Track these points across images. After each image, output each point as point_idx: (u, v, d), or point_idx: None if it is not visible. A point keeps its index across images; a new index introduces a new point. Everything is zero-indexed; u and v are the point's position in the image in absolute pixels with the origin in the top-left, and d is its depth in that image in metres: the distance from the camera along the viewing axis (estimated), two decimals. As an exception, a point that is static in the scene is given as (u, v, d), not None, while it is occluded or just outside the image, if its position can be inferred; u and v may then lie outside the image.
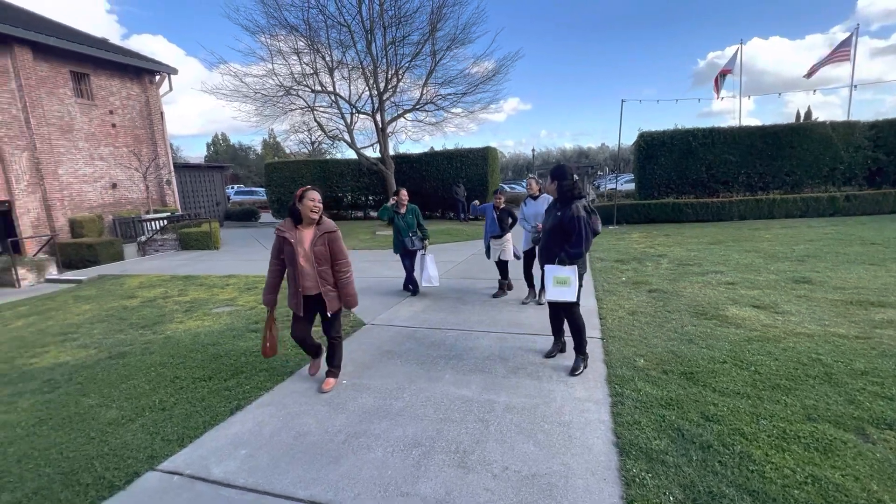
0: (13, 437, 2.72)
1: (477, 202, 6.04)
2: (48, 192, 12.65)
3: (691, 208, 12.66)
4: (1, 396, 3.29)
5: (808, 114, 42.31)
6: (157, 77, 15.75)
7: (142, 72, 15.29)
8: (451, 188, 15.53)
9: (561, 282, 3.27)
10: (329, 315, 3.19)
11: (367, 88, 13.74)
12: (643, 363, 3.39)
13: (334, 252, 3.12)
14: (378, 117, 13.88)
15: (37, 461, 2.48)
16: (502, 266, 5.65)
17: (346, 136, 14.11)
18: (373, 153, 15.72)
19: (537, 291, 5.24)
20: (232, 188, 28.84)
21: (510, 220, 5.50)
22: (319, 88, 13.60)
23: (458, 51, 14.27)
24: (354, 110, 14.23)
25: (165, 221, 13.50)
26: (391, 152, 14.82)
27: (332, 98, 13.79)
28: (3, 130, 11.77)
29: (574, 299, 3.28)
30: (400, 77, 13.83)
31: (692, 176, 13.49)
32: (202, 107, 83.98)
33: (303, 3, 12.69)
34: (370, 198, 17.59)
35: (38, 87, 12.41)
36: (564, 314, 3.44)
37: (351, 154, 16.02)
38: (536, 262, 4.91)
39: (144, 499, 2.19)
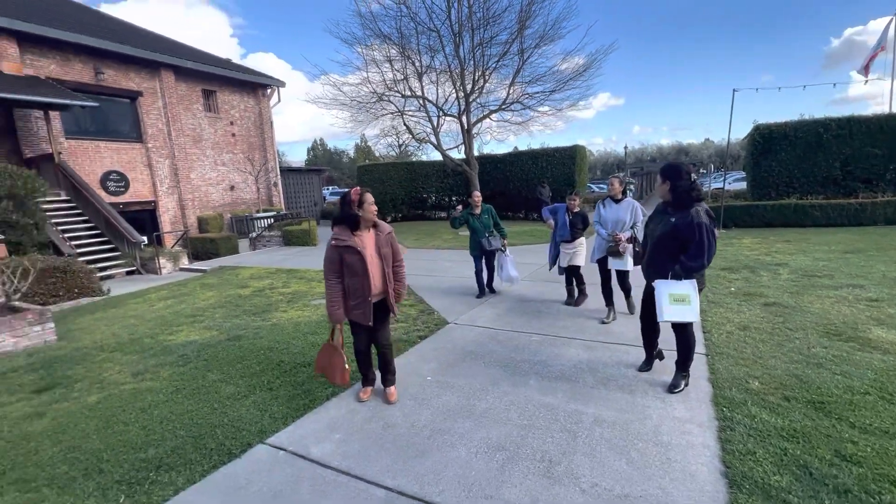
0: (158, 402, 3.22)
1: (550, 205, 5.82)
2: (183, 193, 14.75)
3: (819, 210, 10.91)
4: (149, 366, 3.91)
5: None
6: (269, 90, 17.57)
7: (256, 86, 17.17)
8: (535, 188, 15.20)
9: (679, 299, 2.85)
10: (377, 325, 3.01)
11: (453, 91, 14.00)
12: (758, 386, 3.00)
13: (395, 252, 3.05)
14: (464, 119, 14.07)
15: (174, 424, 2.90)
16: (573, 272, 5.18)
17: (433, 139, 14.51)
18: (457, 154, 15.97)
19: (615, 310, 4.63)
20: (328, 189, 31.16)
21: (582, 226, 5.08)
22: (409, 93, 14.16)
23: (546, 48, 13.90)
24: (441, 113, 14.58)
25: (272, 220, 15.04)
26: (475, 153, 14.92)
27: (421, 102, 14.27)
28: (152, 142, 13.98)
29: (696, 318, 2.88)
30: (486, 78, 13.87)
31: (821, 173, 11.63)
32: (304, 115, 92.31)
33: (396, 13, 13.31)
34: (454, 198, 17.89)
35: (177, 105, 14.53)
36: (676, 330, 3.03)
37: (436, 156, 16.47)
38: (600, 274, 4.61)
39: (256, 468, 2.45)
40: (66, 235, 9.73)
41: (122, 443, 2.70)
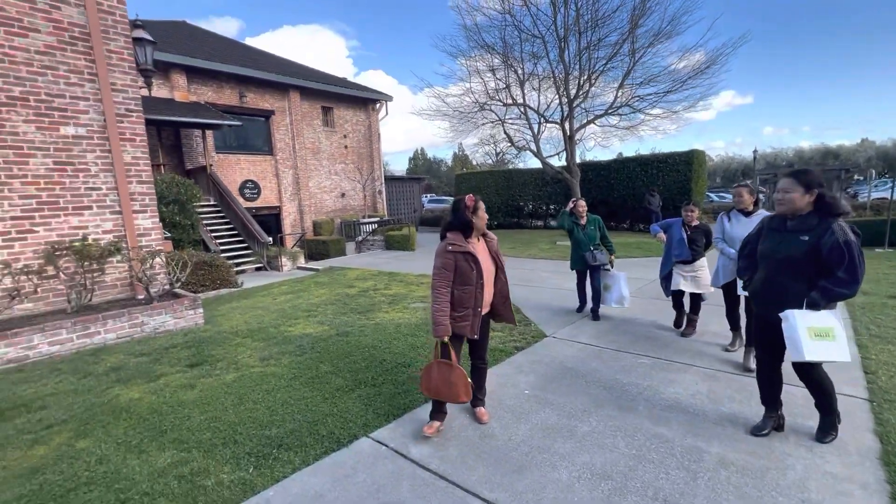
0: (280, 386, 3.59)
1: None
2: (302, 200, 16.46)
3: None
4: (272, 353, 4.40)
5: None
6: (378, 104, 18.89)
7: (367, 101, 18.57)
8: (642, 197, 14.10)
9: (821, 334, 2.32)
10: (479, 337, 2.85)
11: (556, 97, 13.67)
12: (950, 448, 2.38)
13: (501, 263, 2.95)
14: (566, 125, 13.63)
15: (293, 408, 3.21)
16: (692, 300, 4.48)
17: (533, 146, 14.30)
18: (557, 162, 15.53)
19: (744, 336, 3.88)
20: (426, 197, 32.41)
21: (704, 242, 4.39)
22: (510, 102, 14.16)
23: (661, 45, 12.87)
24: (542, 120, 14.30)
25: (376, 225, 16.06)
26: (576, 160, 14.34)
27: (522, 110, 14.18)
28: (280, 155, 15.85)
29: (848, 357, 2.34)
30: (593, 82, 13.28)
31: None
32: (407, 126, 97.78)
33: (500, 23, 13.44)
34: (551, 207, 17.39)
35: (301, 121, 16.29)
36: (801, 373, 2.51)
37: (534, 163, 16.23)
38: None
39: (361, 459, 2.60)
40: (213, 235, 11.46)
41: (251, 419, 3.07)
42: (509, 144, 15.42)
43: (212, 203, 12.59)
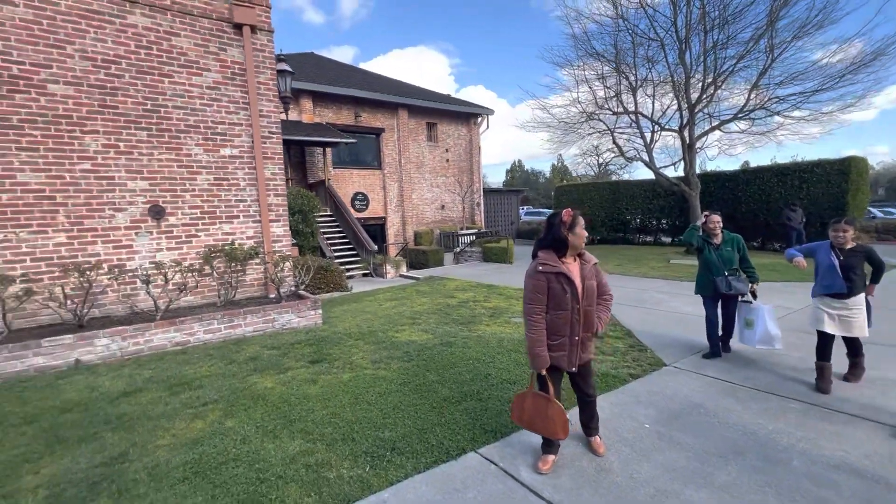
0: (391, 390, 3.76)
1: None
2: (405, 211, 17.32)
3: None
4: (382, 357, 4.63)
5: None
6: (479, 118, 19.24)
7: (469, 116, 19.02)
8: (778, 212, 12.23)
9: None
10: (582, 366, 2.64)
11: (674, 102, 12.60)
12: None
13: (601, 284, 2.67)
14: (685, 133, 12.46)
15: (403, 413, 3.33)
16: (849, 341, 3.64)
17: (645, 156, 13.31)
18: (673, 172, 14.25)
19: None
20: (523, 209, 32.04)
21: (861, 271, 3.52)
22: (621, 110, 13.40)
23: (808, 38, 11.13)
24: (657, 128, 13.27)
25: (474, 236, 16.25)
26: (696, 170, 13.00)
27: (633, 118, 13.31)
28: (387, 169, 16.91)
29: None
30: (719, 84, 11.98)
31: None
32: (504, 139, 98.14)
33: (612, 28, 12.86)
34: (663, 221, 15.96)
35: (407, 137, 17.22)
36: None
37: (642, 174, 15.08)
38: None
39: (470, 475, 2.57)
40: (328, 242, 12.60)
41: (366, 419, 3.24)
42: (616, 155, 14.53)
43: (328, 213, 13.87)
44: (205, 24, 5.98)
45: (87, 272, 4.97)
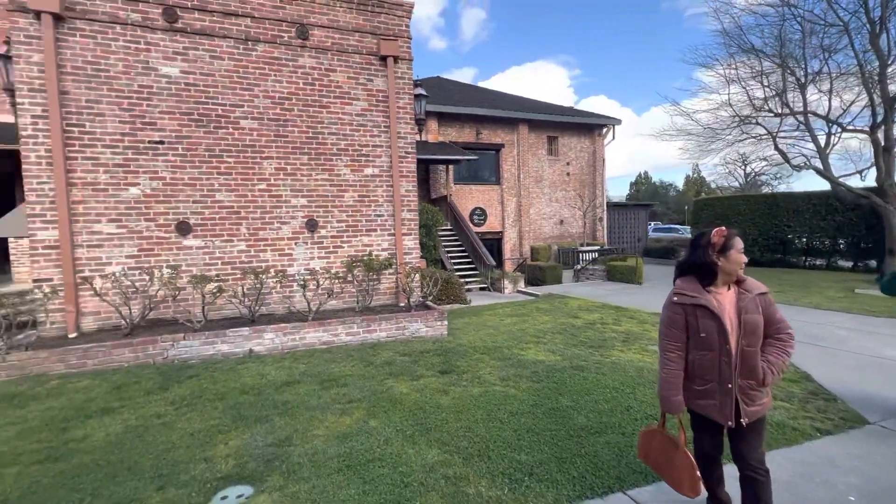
0: (522, 410, 3.66)
1: None
2: (523, 226, 17.14)
3: None
4: (510, 374, 4.56)
5: None
6: (604, 129, 18.28)
7: (593, 127, 18.20)
8: None
9: None
10: (748, 423, 2.04)
11: (861, 97, 10.37)
12: None
13: (772, 320, 2.08)
14: (879, 133, 10.15)
15: (538, 437, 3.20)
16: None
17: (817, 163, 11.16)
18: (859, 182, 11.69)
19: None
20: (651, 225, 29.41)
21: None
22: (786, 111, 11.50)
23: None
24: (837, 129, 11.06)
25: (596, 253, 15.34)
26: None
27: (801, 119, 11.30)
28: (506, 184, 16.98)
29: None
30: (928, 72, 9.55)
31: None
32: (629, 150, 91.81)
33: (775, 18, 11.17)
34: (840, 242, 13.12)
35: (527, 151, 17.11)
36: None
37: (805, 185, 12.61)
38: None
39: (621, 519, 2.33)
40: (448, 255, 13.05)
41: (500, 438, 3.18)
42: (776, 164, 12.47)
43: (448, 228, 14.40)
44: (356, 59, 6.74)
45: (260, 275, 5.87)
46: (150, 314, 5.65)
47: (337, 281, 6.39)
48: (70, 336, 5.40)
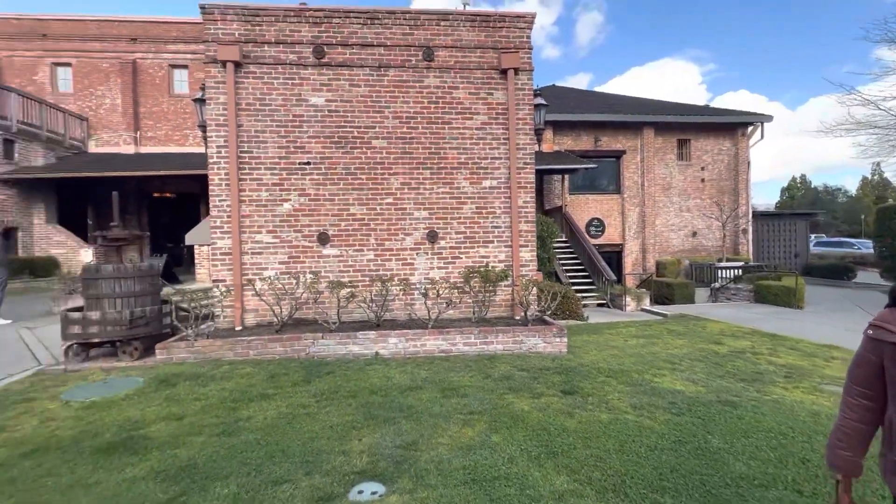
0: (662, 447, 3.25)
1: None
2: (646, 238, 15.73)
3: None
4: (643, 402, 4.12)
5: None
6: (749, 128, 15.95)
7: (735, 126, 16.01)
8: None
9: None
10: None
11: None
12: None
13: None
14: None
15: (684, 480, 2.80)
16: None
17: None
18: None
19: None
20: (811, 238, 24.70)
21: None
22: None
23: None
24: None
25: (739, 270, 13.32)
26: None
27: None
28: (627, 193, 15.79)
29: None
30: None
31: None
32: (775, 150, 78.59)
33: None
34: None
35: (652, 157, 15.73)
36: None
37: None
38: None
39: None
40: (563, 268, 12.52)
41: (638, 475, 2.86)
42: None
43: (563, 239, 13.85)
44: (477, 75, 6.90)
45: (386, 283, 6.29)
46: (296, 314, 6.41)
47: (455, 291, 6.54)
48: (236, 329, 6.39)
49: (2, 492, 2.75)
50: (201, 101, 6.98)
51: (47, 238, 13.65)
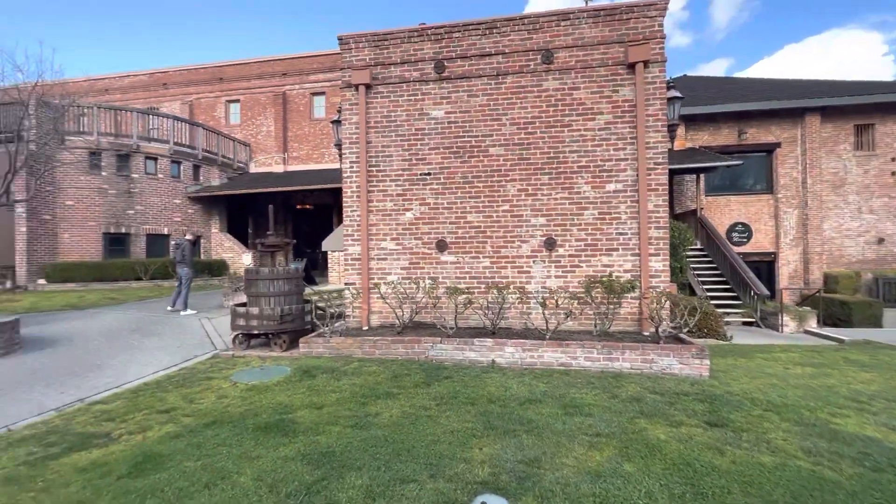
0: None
1: None
2: (809, 245, 13.17)
3: None
4: (820, 448, 3.36)
5: None
6: (969, 104, 12.36)
7: (945, 104, 12.55)
8: None
9: None
10: None
11: None
12: None
13: None
14: None
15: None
16: None
17: None
18: None
19: None
20: None
21: None
22: None
23: None
24: None
25: (953, 288, 10.34)
26: None
27: None
28: (783, 192, 13.43)
29: None
30: None
31: None
32: None
33: None
34: None
35: (818, 149, 13.15)
36: None
37: None
38: None
39: None
40: (699, 279, 11.08)
41: (822, 539, 2.32)
42: None
43: (697, 247, 12.29)
44: (601, 73, 6.50)
45: (503, 290, 6.23)
46: (415, 317, 6.71)
47: (575, 302, 6.19)
48: (363, 328, 6.94)
49: (192, 454, 3.34)
50: (337, 123, 7.79)
51: (220, 244, 16.62)
